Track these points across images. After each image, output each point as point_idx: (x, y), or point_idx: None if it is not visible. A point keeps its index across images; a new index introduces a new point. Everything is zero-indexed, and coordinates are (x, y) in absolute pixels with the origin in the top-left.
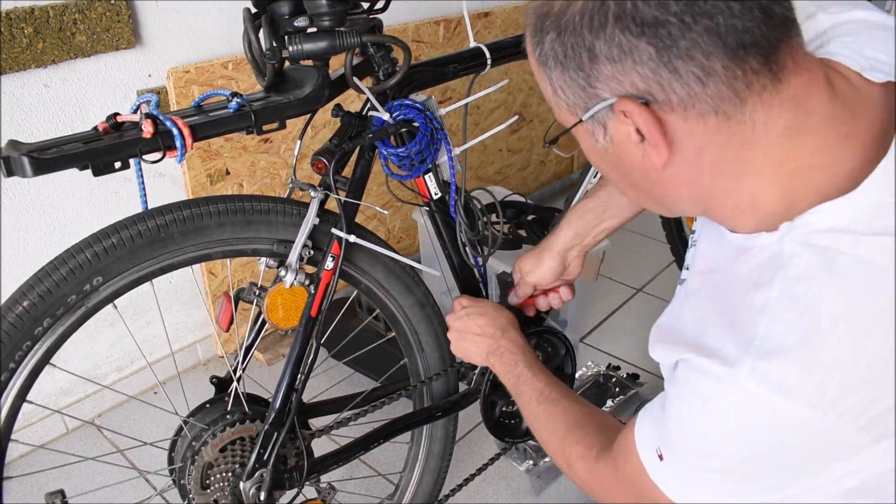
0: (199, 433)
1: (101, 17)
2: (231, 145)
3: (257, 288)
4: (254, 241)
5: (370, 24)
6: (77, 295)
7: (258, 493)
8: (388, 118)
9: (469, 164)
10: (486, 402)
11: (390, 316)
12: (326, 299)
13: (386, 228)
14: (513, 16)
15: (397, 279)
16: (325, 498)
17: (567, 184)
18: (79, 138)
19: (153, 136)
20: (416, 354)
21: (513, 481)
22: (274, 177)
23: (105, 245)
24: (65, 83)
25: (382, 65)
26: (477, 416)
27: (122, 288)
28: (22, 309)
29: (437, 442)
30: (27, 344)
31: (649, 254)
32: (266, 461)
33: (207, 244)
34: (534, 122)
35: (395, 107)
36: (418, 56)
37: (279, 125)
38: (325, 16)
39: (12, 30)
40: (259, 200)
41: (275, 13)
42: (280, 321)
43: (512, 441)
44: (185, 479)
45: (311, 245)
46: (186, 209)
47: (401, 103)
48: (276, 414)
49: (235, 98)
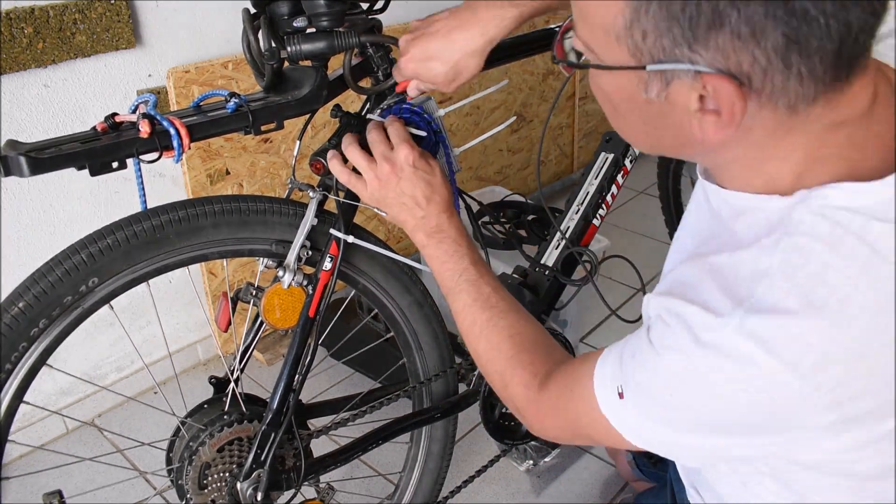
0: (197, 433)
1: (101, 17)
2: (231, 145)
3: (254, 288)
4: (251, 242)
5: (369, 25)
6: (73, 296)
7: (255, 494)
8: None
9: (469, 164)
10: (486, 404)
11: (389, 316)
12: (324, 300)
13: (386, 228)
14: None
15: (395, 279)
16: (323, 498)
17: (567, 184)
18: (77, 138)
19: (150, 136)
20: (415, 354)
21: (513, 481)
22: (274, 177)
23: (101, 246)
24: (65, 83)
25: (381, 65)
26: (477, 417)
27: (118, 289)
28: (18, 310)
29: (437, 442)
30: (23, 345)
31: (649, 254)
32: (263, 462)
33: (204, 245)
34: (534, 122)
35: (393, 111)
36: None
37: (277, 125)
38: (323, 16)
39: (12, 30)
40: (256, 201)
41: (274, 13)
42: (277, 321)
43: (511, 443)
44: (183, 480)
45: (310, 245)
46: (182, 210)
47: (399, 108)
48: (274, 414)
49: (233, 98)
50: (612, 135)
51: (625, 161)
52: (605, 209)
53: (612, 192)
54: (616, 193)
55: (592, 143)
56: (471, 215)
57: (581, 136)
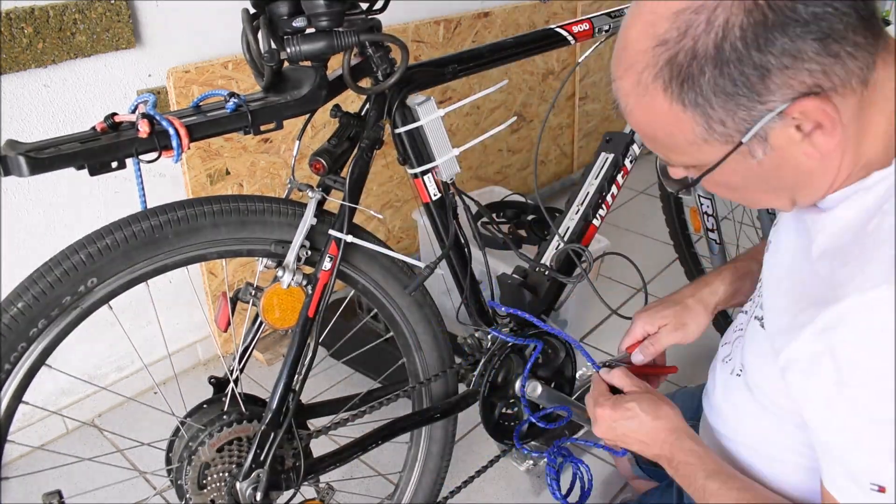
0: (196, 434)
1: (101, 17)
2: (231, 145)
3: (253, 288)
4: (249, 242)
5: (368, 25)
6: (72, 296)
7: (254, 494)
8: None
9: (469, 164)
10: (486, 404)
11: (388, 316)
12: (324, 300)
13: (386, 228)
14: (513, 16)
15: (394, 279)
16: (323, 498)
17: (567, 184)
18: (76, 138)
19: (149, 136)
20: (414, 354)
21: (513, 481)
22: (274, 177)
23: (99, 246)
24: (65, 83)
25: (381, 65)
26: (477, 416)
27: (117, 289)
28: (17, 310)
29: (437, 442)
30: (22, 345)
31: (649, 254)
32: (263, 462)
33: (202, 245)
34: (534, 122)
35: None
36: (418, 56)
37: (276, 125)
38: (322, 16)
39: (12, 30)
40: (254, 201)
41: (273, 13)
42: (276, 321)
43: (511, 443)
44: (182, 480)
45: (309, 245)
46: (181, 210)
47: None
48: (273, 414)
49: (233, 98)
50: (613, 135)
51: (625, 161)
52: (605, 209)
53: (612, 193)
54: (616, 194)
55: (592, 143)
56: (469, 216)
57: (581, 136)
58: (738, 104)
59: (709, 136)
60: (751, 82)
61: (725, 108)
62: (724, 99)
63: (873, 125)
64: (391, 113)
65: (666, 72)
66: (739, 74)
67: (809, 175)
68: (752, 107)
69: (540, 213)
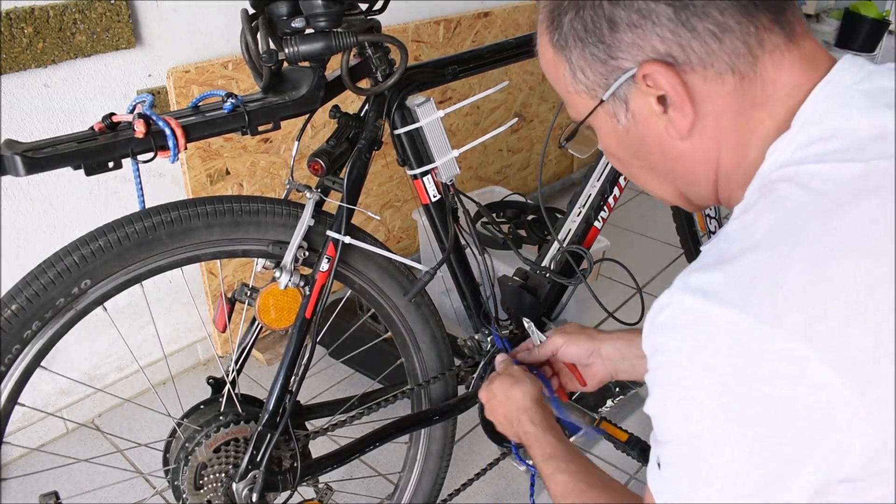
0: (193, 434)
1: (101, 17)
2: (231, 145)
3: (248, 289)
4: (244, 243)
5: (367, 25)
6: (65, 298)
7: (250, 495)
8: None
9: (469, 164)
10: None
11: (386, 316)
12: (321, 301)
13: (386, 228)
14: (513, 16)
15: (392, 280)
16: (322, 498)
17: (567, 184)
18: (74, 138)
19: (145, 136)
20: (412, 354)
21: (513, 481)
22: (274, 177)
23: (92, 248)
24: (65, 83)
25: (380, 66)
26: (476, 416)
27: (111, 290)
28: (10, 312)
29: (436, 442)
30: (16, 347)
31: (650, 254)
32: (259, 463)
33: (196, 245)
34: (534, 123)
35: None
36: (418, 56)
37: (274, 126)
38: (320, 17)
39: (12, 30)
40: (248, 201)
41: (272, 14)
42: (272, 322)
43: (510, 445)
44: (179, 480)
45: (307, 246)
46: (174, 211)
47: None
48: (270, 415)
49: (230, 99)
50: None
51: None
52: (606, 211)
53: (614, 195)
54: (618, 196)
55: None
56: (468, 218)
57: None
58: (592, 54)
59: (576, 85)
60: (602, 32)
61: (582, 55)
62: (580, 45)
63: (762, 128)
64: (390, 114)
65: (548, 17)
66: (591, 21)
67: (682, 162)
68: (605, 60)
69: (540, 214)
